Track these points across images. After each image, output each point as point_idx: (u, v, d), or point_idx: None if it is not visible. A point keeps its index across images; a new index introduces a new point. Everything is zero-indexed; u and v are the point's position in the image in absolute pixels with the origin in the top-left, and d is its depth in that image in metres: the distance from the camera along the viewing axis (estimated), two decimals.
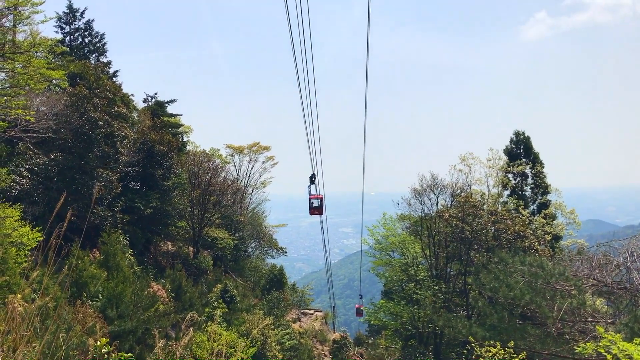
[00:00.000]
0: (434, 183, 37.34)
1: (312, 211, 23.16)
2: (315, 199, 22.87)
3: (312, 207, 23.11)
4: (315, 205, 23.08)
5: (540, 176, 41.48)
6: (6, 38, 21.09)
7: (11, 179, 20.95)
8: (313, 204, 23.04)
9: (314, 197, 22.70)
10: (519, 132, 43.21)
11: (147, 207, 30.33)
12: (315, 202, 22.99)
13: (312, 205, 23.01)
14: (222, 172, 45.21)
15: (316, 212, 23.23)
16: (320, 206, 23.17)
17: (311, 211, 23.19)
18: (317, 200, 22.97)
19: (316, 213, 23.24)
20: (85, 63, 31.22)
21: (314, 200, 22.90)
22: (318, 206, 23.16)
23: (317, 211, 23.21)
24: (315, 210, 23.18)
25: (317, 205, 23.12)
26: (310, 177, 20.54)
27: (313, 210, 23.15)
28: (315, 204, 23.07)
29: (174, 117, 48.20)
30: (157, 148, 32.16)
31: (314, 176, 20.44)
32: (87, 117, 25.43)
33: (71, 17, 38.23)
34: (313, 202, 22.97)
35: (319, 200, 22.97)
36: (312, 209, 23.11)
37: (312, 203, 22.97)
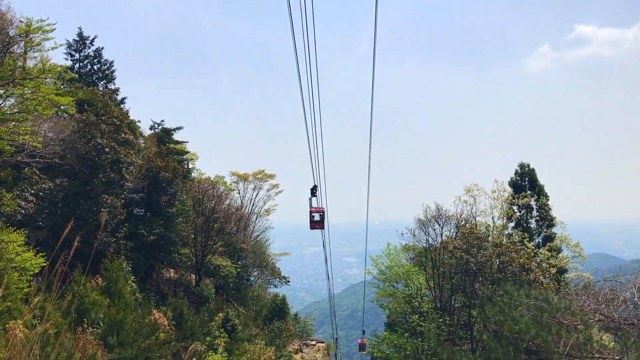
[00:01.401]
0: (438, 214, 37.22)
1: (313, 225, 22.20)
2: (316, 212, 21.96)
3: (313, 221, 22.16)
4: (316, 219, 22.16)
5: (545, 209, 41.39)
6: (17, 64, 21.39)
7: (16, 203, 21.01)
8: (314, 218, 22.12)
9: (315, 211, 21.84)
10: (524, 165, 43.27)
11: (150, 233, 30.27)
12: (316, 215, 22.09)
13: (313, 219, 22.10)
14: (226, 199, 45.21)
15: (317, 227, 22.27)
16: (321, 220, 22.25)
17: (312, 225, 22.20)
18: (318, 214, 22.08)
19: (317, 227, 22.28)
20: (94, 90, 31.58)
21: (315, 214, 22.01)
22: (319, 220, 22.23)
23: (318, 225, 22.26)
24: (317, 224, 22.24)
25: (319, 219, 22.19)
26: (312, 189, 19.87)
27: (314, 224, 22.19)
28: (317, 217, 22.14)
29: (180, 144, 48.50)
30: (163, 175, 32.26)
31: (316, 188, 19.77)
32: (93, 143, 25.59)
33: (81, 45, 38.85)
34: (314, 216, 22.07)
35: (320, 213, 22.08)
36: (312, 223, 22.18)
37: (313, 217, 22.06)
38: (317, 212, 21.91)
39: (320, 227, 22.22)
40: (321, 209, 21.87)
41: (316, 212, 21.86)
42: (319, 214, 22.01)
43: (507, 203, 41.08)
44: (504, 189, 41.87)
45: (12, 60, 21.03)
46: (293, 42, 10.19)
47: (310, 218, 21.99)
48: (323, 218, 22.17)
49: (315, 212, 21.85)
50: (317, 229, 22.25)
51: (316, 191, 19.93)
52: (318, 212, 21.90)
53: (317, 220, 22.13)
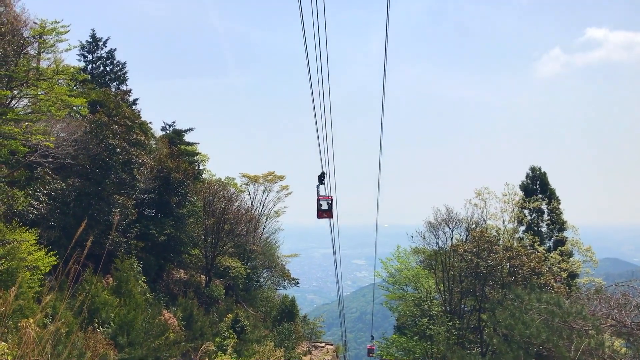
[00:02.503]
0: (449, 217, 37.11)
1: (321, 214, 21.22)
2: (324, 201, 21.02)
3: (321, 210, 21.21)
4: (324, 207, 21.19)
5: (557, 212, 41.12)
6: (30, 65, 21.59)
7: (29, 203, 21.19)
8: (322, 206, 21.15)
9: (323, 199, 20.88)
10: (535, 168, 43.03)
11: (161, 234, 30.40)
12: (324, 203, 21.12)
13: (320, 208, 21.16)
14: (236, 200, 45.32)
15: (325, 215, 21.25)
16: (329, 209, 21.23)
17: (319, 214, 21.24)
18: (326, 202, 21.10)
19: (325, 216, 21.26)
20: (106, 91, 31.79)
21: (322, 202, 21.04)
22: (327, 209, 21.23)
23: (326, 214, 21.25)
24: (324, 213, 21.23)
25: (327, 207, 21.21)
26: (319, 176, 19.02)
27: (321, 213, 21.21)
28: (324, 206, 21.17)
29: (191, 145, 48.72)
30: (174, 176, 32.39)
31: (324, 175, 18.90)
32: (105, 143, 25.75)
33: (94, 46, 39.12)
34: (322, 204, 21.10)
35: (328, 201, 21.09)
36: (320, 212, 21.24)
37: (321, 205, 21.10)
38: (324, 200, 21.08)
39: (328, 215, 21.34)
40: (329, 197, 20.97)
41: (324, 200, 21.03)
42: (327, 202, 21.14)
43: (518, 206, 40.86)
44: (514, 192, 41.67)
45: (27, 61, 21.23)
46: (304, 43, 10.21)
47: (318, 206, 21.19)
48: (331, 206, 21.27)
49: (323, 200, 21.02)
50: (325, 217, 21.37)
51: (324, 178, 19.12)
52: (326, 200, 21.06)
53: (324, 209, 21.30)
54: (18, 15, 24.58)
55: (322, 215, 21.16)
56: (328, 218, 21.27)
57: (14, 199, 19.52)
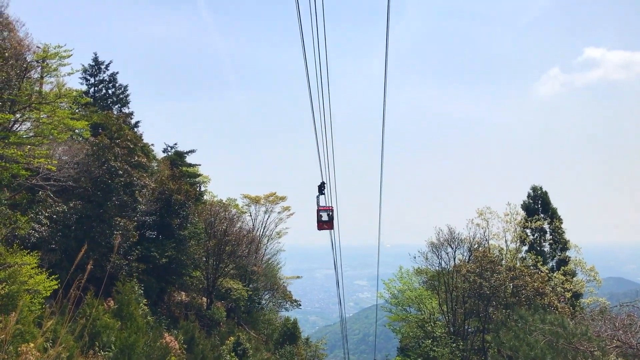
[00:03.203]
0: (451, 237, 37.00)
1: (321, 225, 20.37)
2: (324, 211, 20.20)
3: (321, 221, 20.34)
4: (324, 218, 20.34)
5: (559, 232, 41.01)
6: (33, 89, 21.75)
7: (30, 226, 21.17)
8: (322, 217, 20.30)
9: (323, 209, 20.08)
10: (537, 187, 43.03)
11: (162, 256, 30.32)
12: (324, 214, 20.27)
13: (320, 219, 20.31)
14: (238, 222, 45.27)
15: (325, 227, 20.42)
16: (330, 220, 20.34)
17: (319, 225, 20.38)
18: (326, 213, 20.24)
19: (325, 228, 20.43)
20: (108, 114, 31.96)
21: (322, 213, 20.21)
22: (328, 220, 20.37)
23: (326, 225, 20.41)
24: (325, 224, 20.41)
25: (327, 218, 20.35)
26: (319, 186, 18.40)
27: (322, 224, 20.36)
28: (325, 217, 20.33)
29: (192, 167, 48.80)
30: (175, 197, 32.41)
31: (324, 185, 18.23)
32: (107, 166, 25.81)
33: (96, 70, 39.45)
34: (322, 215, 20.26)
35: (328, 212, 20.23)
36: (320, 223, 20.37)
37: (321, 216, 20.26)
38: (325, 211, 20.31)
39: (328, 227, 20.46)
40: (329, 207, 20.12)
41: (324, 210, 20.26)
42: (327, 212, 20.32)
43: (520, 226, 40.75)
44: (516, 212, 41.58)
45: (29, 85, 21.39)
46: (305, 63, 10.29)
47: (318, 217, 20.37)
48: (332, 217, 20.39)
49: (323, 210, 20.22)
50: (326, 229, 20.56)
51: (324, 188, 18.50)
52: (326, 210, 20.29)
53: (325, 220, 20.51)
54: (21, 39, 24.83)
55: (322, 226, 20.52)
56: (328, 229, 20.58)
57: (16, 222, 19.50)
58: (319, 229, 20.52)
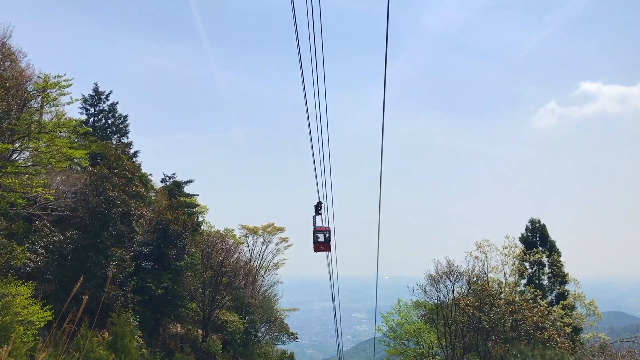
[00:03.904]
0: (449, 270, 36.73)
1: (317, 247, 19.57)
2: (321, 232, 19.43)
3: (318, 242, 19.56)
4: (321, 240, 19.57)
5: (558, 265, 40.81)
6: (33, 118, 21.84)
7: (26, 256, 21.01)
8: (319, 239, 19.51)
9: (320, 230, 19.31)
10: (535, 220, 42.99)
11: (158, 287, 30.05)
12: (321, 235, 19.50)
13: (317, 240, 19.52)
14: (235, 253, 45.00)
15: (322, 249, 19.64)
16: (327, 241, 19.62)
17: (316, 247, 19.57)
18: (322, 234, 19.50)
19: (322, 249, 19.66)
20: (107, 143, 32.07)
21: (319, 234, 19.44)
22: (324, 241, 19.62)
23: (323, 247, 19.64)
24: (321, 246, 19.61)
25: (324, 240, 19.61)
26: (316, 205, 17.72)
27: (318, 245, 19.56)
28: (322, 238, 19.55)
29: (190, 197, 48.76)
30: (172, 228, 32.29)
31: (321, 205, 17.60)
32: (105, 196, 25.78)
33: (96, 99, 39.71)
34: (318, 236, 19.48)
35: (325, 233, 19.51)
36: (317, 245, 19.58)
37: (318, 237, 19.48)
38: (322, 232, 19.53)
39: (325, 248, 19.76)
40: (327, 228, 19.46)
41: (321, 231, 19.48)
42: (324, 233, 19.60)
43: (518, 259, 40.52)
44: (515, 244, 41.38)
45: (29, 114, 21.49)
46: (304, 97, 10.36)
47: (314, 239, 19.58)
48: (329, 238, 19.69)
49: (320, 231, 19.47)
50: (322, 251, 19.82)
51: (321, 208, 17.86)
52: (323, 231, 19.52)
53: (322, 242, 19.70)
54: (23, 70, 25.07)
55: (319, 248, 19.79)
56: (325, 251, 19.94)
57: (12, 252, 19.36)
58: (315, 251, 19.86)
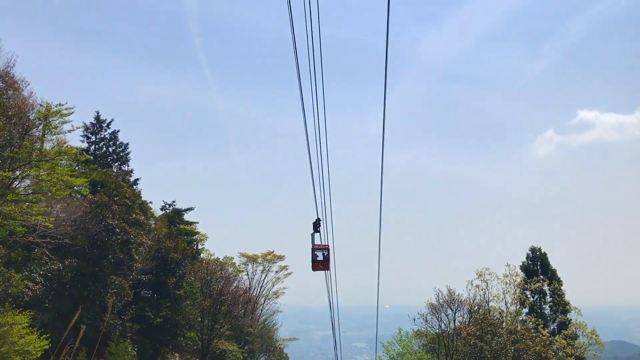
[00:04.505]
0: (450, 298, 36.49)
1: (316, 265, 18.84)
2: (319, 250, 18.77)
3: (316, 261, 18.85)
4: (319, 258, 18.87)
5: (559, 294, 40.56)
6: (34, 147, 21.96)
7: (25, 284, 20.91)
8: (317, 257, 18.84)
9: (319, 248, 18.65)
10: (535, 249, 42.86)
11: (157, 316, 29.82)
12: (319, 254, 18.83)
13: (315, 258, 18.81)
14: (234, 281, 44.76)
15: (320, 267, 18.92)
16: (326, 259, 18.95)
17: (314, 266, 18.84)
18: (322, 252, 18.83)
19: (320, 268, 18.95)
20: (107, 171, 32.15)
21: (318, 252, 18.76)
22: (323, 260, 18.93)
23: (321, 265, 18.92)
24: (320, 264, 18.89)
25: (322, 258, 18.91)
26: (315, 223, 17.28)
27: (317, 264, 18.84)
28: (320, 256, 18.87)
29: (190, 224, 48.65)
30: (172, 256, 32.19)
31: (319, 222, 17.16)
32: (104, 224, 25.76)
33: (98, 128, 39.91)
34: (317, 255, 18.81)
35: (324, 251, 18.86)
36: (315, 263, 18.84)
37: (316, 255, 18.80)
38: (320, 250, 18.87)
39: (324, 267, 19.10)
40: (325, 246, 18.87)
41: (319, 249, 18.83)
42: (323, 251, 18.96)
43: (519, 288, 40.25)
44: (516, 273, 41.14)
45: (30, 142, 21.61)
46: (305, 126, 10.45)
47: (313, 257, 18.87)
48: (328, 257, 19.05)
49: (319, 249, 18.81)
50: (321, 269, 19.17)
51: (320, 226, 17.43)
52: (322, 249, 18.88)
53: (320, 260, 19.02)
54: (26, 98, 25.32)
55: (317, 267, 19.05)
56: (324, 270, 19.31)
57: (10, 280, 19.28)
58: (313, 270, 19.13)
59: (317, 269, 18.87)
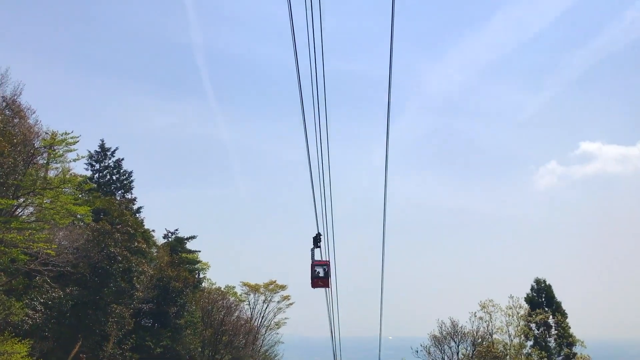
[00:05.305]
0: (454, 330, 36.13)
1: (316, 282, 18.04)
2: (320, 266, 18.03)
3: (316, 277, 18.04)
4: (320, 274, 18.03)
5: (564, 326, 40.04)
6: (38, 175, 22.10)
7: (25, 312, 20.80)
8: (317, 273, 18.04)
9: (319, 264, 17.93)
10: (540, 280, 42.47)
11: (157, 346, 29.56)
12: (320, 270, 18.06)
13: (316, 275, 18.03)
14: (236, 310, 44.42)
15: (320, 284, 18.13)
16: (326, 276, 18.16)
17: (314, 282, 18.06)
18: (322, 268, 18.06)
19: (320, 285, 18.16)
20: (110, 199, 32.22)
21: (318, 268, 18.02)
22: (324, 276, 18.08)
23: (321, 282, 18.10)
24: (320, 281, 18.07)
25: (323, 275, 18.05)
26: (315, 238, 16.67)
27: (316, 281, 18.03)
28: (321, 273, 18.05)
29: (192, 253, 48.47)
30: (173, 285, 32.04)
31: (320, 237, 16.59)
32: (106, 252, 25.74)
33: (102, 156, 40.12)
34: (317, 271, 18.03)
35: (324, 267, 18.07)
36: (315, 280, 18.05)
37: (317, 272, 18.03)
38: (320, 266, 18.08)
39: (324, 284, 18.29)
40: (326, 262, 18.13)
41: (319, 265, 18.05)
42: (323, 267, 18.14)
43: (523, 320, 39.82)
44: (519, 305, 40.76)
45: (35, 170, 21.76)
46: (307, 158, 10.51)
47: (313, 273, 18.08)
48: (328, 273, 18.24)
49: (319, 265, 18.04)
50: (321, 287, 18.33)
51: (320, 241, 16.86)
52: (322, 265, 18.09)
53: (320, 277, 18.14)
54: (31, 126, 25.55)
55: (317, 284, 18.19)
56: (324, 287, 18.49)
57: (10, 308, 19.20)
58: (313, 287, 18.27)
59: (317, 285, 18.16)
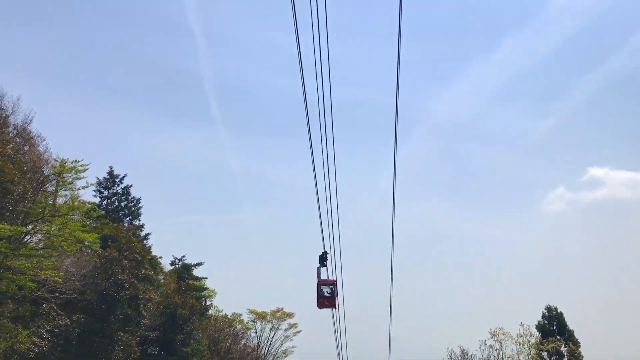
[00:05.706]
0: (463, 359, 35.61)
1: (322, 302, 17.55)
2: (326, 286, 17.50)
3: (322, 297, 17.50)
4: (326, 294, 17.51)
5: (576, 355, 39.40)
6: (47, 202, 22.20)
7: (31, 340, 20.68)
8: (323, 293, 17.50)
9: (325, 283, 17.40)
10: (551, 308, 41.95)
11: None
12: (326, 289, 17.54)
13: (322, 294, 17.48)
14: (242, 339, 44.06)
15: (326, 304, 17.66)
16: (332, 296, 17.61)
17: (320, 302, 17.55)
18: (328, 288, 17.55)
19: (326, 305, 17.69)
20: (118, 226, 32.27)
21: (324, 288, 17.47)
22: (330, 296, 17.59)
23: (327, 302, 17.62)
24: (326, 301, 17.57)
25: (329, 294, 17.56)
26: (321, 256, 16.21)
27: (322, 300, 17.53)
28: (327, 292, 17.54)
29: (199, 280, 48.29)
30: (180, 312, 31.88)
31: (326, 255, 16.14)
32: (114, 279, 25.69)
33: (110, 183, 40.32)
34: (323, 290, 17.49)
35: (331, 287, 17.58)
36: (321, 299, 17.52)
37: (323, 291, 17.49)
38: (327, 286, 17.57)
39: (330, 304, 17.85)
40: (332, 281, 17.74)
41: (326, 285, 17.54)
42: (330, 287, 17.67)
43: (534, 348, 39.23)
44: (530, 333, 40.21)
45: (44, 197, 21.86)
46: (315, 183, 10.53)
47: (319, 293, 17.55)
48: (334, 293, 17.77)
49: (325, 285, 17.52)
50: (327, 307, 17.93)
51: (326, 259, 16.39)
52: (328, 285, 17.61)
53: (327, 296, 17.66)
54: (41, 153, 25.76)
55: (323, 303, 17.77)
56: (330, 307, 18.10)
57: (17, 336, 19.10)
58: (319, 307, 17.88)
59: (323, 306, 17.82)
